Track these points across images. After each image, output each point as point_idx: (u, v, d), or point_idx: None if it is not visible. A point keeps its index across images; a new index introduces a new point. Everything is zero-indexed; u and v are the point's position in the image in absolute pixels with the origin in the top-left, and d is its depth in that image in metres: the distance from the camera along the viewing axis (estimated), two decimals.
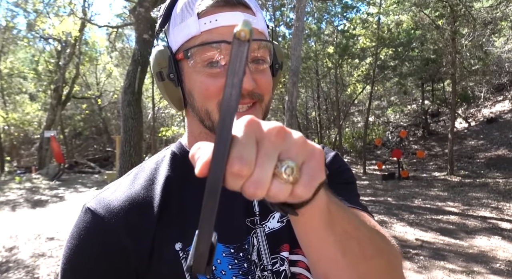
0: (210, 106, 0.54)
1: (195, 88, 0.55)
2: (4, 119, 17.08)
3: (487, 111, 16.29)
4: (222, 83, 0.52)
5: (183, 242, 0.53)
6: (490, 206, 6.99)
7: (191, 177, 0.58)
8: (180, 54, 0.55)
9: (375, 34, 14.08)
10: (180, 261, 0.52)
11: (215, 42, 0.51)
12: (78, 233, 0.54)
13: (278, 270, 0.56)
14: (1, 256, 4.47)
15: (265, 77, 0.56)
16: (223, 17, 0.52)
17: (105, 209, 0.54)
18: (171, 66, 0.56)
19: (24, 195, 8.88)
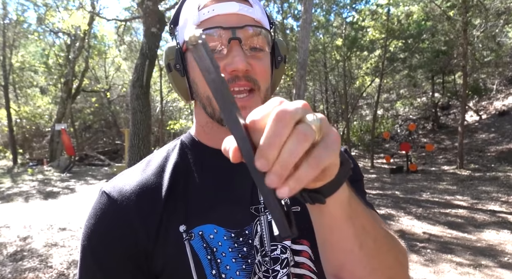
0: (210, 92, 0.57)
1: (197, 75, 0.58)
2: (16, 112, 17.39)
3: (499, 103, 15.98)
4: (222, 65, 0.55)
5: (186, 225, 0.57)
6: (500, 200, 6.91)
7: (198, 165, 0.63)
8: (184, 45, 0.59)
9: (384, 25, 13.86)
10: (184, 242, 0.56)
11: (210, 28, 0.54)
12: (94, 214, 0.59)
13: (277, 257, 0.58)
14: (15, 245, 4.60)
15: (261, 63, 0.58)
16: (220, 7, 0.55)
17: (118, 192, 0.58)
18: (177, 58, 0.60)
19: (37, 187, 9.08)
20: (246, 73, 0.55)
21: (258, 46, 0.57)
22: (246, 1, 0.58)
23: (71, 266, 3.95)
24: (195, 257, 0.55)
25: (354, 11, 15.30)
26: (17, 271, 3.81)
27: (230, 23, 0.55)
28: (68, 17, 12.88)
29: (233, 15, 0.56)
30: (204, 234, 0.56)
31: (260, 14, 0.60)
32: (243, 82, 0.55)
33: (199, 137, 0.66)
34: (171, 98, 20.73)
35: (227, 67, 0.54)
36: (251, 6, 0.58)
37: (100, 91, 18.99)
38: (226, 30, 0.54)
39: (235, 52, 0.54)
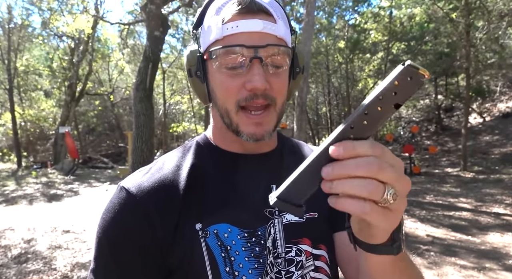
0: (229, 106, 0.60)
1: (217, 86, 0.61)
2: (20, 115, 17.52)
3: (503, 105, 15.90)
4: (240, 82, 0.58)
5: (202, 223, 0.58)
6: (504, 203, 6.87)
7: (214, 166, 0.65)
8: (206, 54, 0.61)
9: (387, 28, 13.87)
10: (200, 240, 0.57)
11: (233, 46, 0.56)
12: (113, 207, 0.60)
13: (292, 259, 0.60)
14: (20, 248, 4.63)
15: (279, 80, 0.60)
16: (244, 24, 0.57)
17: (137, 188, 0.60)
18: (198, 65, 0.62)
19: (41, 189, 9.13)
20: (264, 92, 0.58)
21: (278, 64, 0.59)
22: (270, 16, 0.59)
23: (75, 268, 3.97)
24: (210, 255, 0.56)
25: (356, 13, 15.33)
26: (21, 273, 3.83)
27: (253, 42, 0.56)
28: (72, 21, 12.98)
29: (257, 33, 0.57)
30: (218, 233, 0.58)
31: (284, 29, 0.61)
32: (261, 100, 0.58)
33: (215, 140, 0.68)
34: (174, 100, 20.81)
35: (247, 84, 0.57)
36: (275, 21, 0.59)
37: (104, 94, 19.10)
38: (249, 49, 0.56)
39: (256, 70, 0.56)
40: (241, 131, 0.60)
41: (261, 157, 0.67)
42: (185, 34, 16.18)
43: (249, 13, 0.57)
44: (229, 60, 0.57)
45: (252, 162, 0.66)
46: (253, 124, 0.59)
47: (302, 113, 7.61)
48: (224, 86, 0.59)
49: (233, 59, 0.57)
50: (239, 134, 0.60)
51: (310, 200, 0.45)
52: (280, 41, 0.60)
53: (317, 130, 21.25)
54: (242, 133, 0.60)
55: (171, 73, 19.08)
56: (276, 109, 0.61)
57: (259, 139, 0.60)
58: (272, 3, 0.61)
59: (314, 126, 20.00)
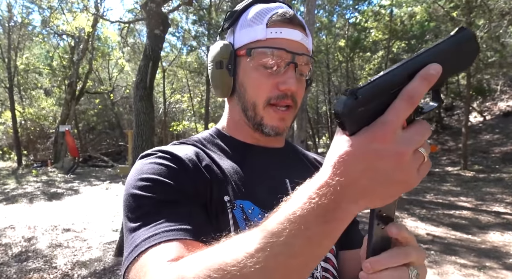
0: (259, 100, 0.65)
1: (249, 82, 0.66)
2: (21, 114, 17.51)
3: (504, 104, 15.89)
4: (273, 82, 0.64)
5: (229, 196, 0.61)
6: (505, 201, 6.87)
7: (225, 154, 0.69)
8: (242, 51, 0.66)
9: (387, 26, 13.84)
10: (227, 210, 0.60)
11: (276, 48, 0.63)
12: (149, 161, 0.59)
13: None
14: (20, 246, 4.64)
15: (302, 86, 0.68)
16: (287, 32, 0.64)
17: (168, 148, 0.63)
18: (231, 59, 0.67)
19: (41, 188, 9.14)
20: (293, 93, 0.65)
21: (304, 72, 0.67)
22: (305, 30, 0.67)
23: (75, 266, 3.98)
24: (236, 226, 0.59)
25: (356, 12, 15.30)
26: (22, 271, 3.83)
27: (293, 48, 0.63)
28: (72, 19, 12.96)
29: (296, 42, 0.65)
30: (244, 208, 0.61)
31: (311, 45, 0.69)
32: (289, 100, 0.65)
33: (229, 131, 0.73)
34: (174, 99, 20.80)
35: (281, 85, 0.63)
36: (307, 36, 0.68)
37: (104, 92, 19.08)
38: (289, 53, 0.63)
39: (291, 74, 0.64)
40: (265, 123, 0.66)
41: (274, 150, 0.73)
42: (185, 32, 16.16)
43: (291, 23, 0.65)
44: (267, 60, 0.63)
45: (266, 153, 0.71)
46: (278, 119, 0.66)
47: (302, 112, 7.60)
48: (257, 82, 0.65)
49: (271, 60, 0.63)
50: (262, 127, 0.66)
51: None
52: (309, 53, 0.68)
53: (317, 129, 21.24)
54: (265, 125, 0.66)
55: (171, 72, 19.06)
56: (295, 111, 0.69)
57: (279, 133, 0.67)
58: (303, 21, 0.70)
59: (314, 125, 19.99)
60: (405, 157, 0.34)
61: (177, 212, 0.52)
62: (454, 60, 0.37)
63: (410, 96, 0.33)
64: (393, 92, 0.34)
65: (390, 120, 0.33)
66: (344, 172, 0.34)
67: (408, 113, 0.34)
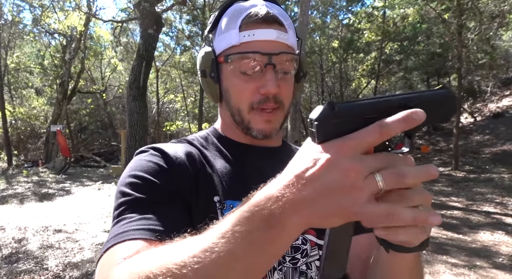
0: (242, 106, 0.65)
1: (231, 88, 0.66)
2: (11, 113, 17.26)
3: (494, 105, 16.13)
4: (253, 86, 0.63)
5: (219, 197, 0.62)
6: (495, 201, 6.98)
7: (226, 151, 0.70)
8: (221, 58, 0.65)
9: (380, 28, 13.97)
10: (217, 211, 0.60)
11: (250, 52, 0.62)
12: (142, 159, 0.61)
13: (298, 247, 0.64)
14: (10, 247, 4.57)
15: (287, 84, 0.66)
16: (260, 33, 0.62)
17: (162, 146, 0.65)
18: (213, 67, 0.67)
19: (32, 189, 9.01)
20: (275, 96, 0.64)
21: (287, 70, 0.65)
22: (282, 26, 0.64)
23: (67, 268, 3.93)
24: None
25: (350, 13, 15.41)
26: (12, 273, 3.78)
27: (268, 49, 0.62)
28: (64, 18, 12.83)
29: (271, 42, 0.62)
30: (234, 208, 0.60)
31: (293, 38, 0.66)
32: (272, 104, 0.64)
33: (225, 132, 0.74)
34: (168, 99, 20.69)
35: (261, 89, 0.63)
36: (287, 31, 0.65)
37: (96, 92, 18.90)
38: (264, 55, 0.61)
39: (269, 76, 0.62)
40: (252, 127, 0.66)
41: (270, 149, 0.72)
42: (179, 32, 16.09)
43: (264, 23, 0.63)
44: (244, 65, 0.63)
45: (261, 152, 0.71)
46: (263, 122, 0.65)
47: (296, 112, 7.63)
48: (238, 88, 0.65)
49: (248, 64, 0.62)
50: (250, 131, 0.66)
51: None
52: (290, 49, 0.66)
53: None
54: (252, 129, 0.66)
55: (165, 72, 18.97)
56: (284, 111, 0.67)
57: (267, 136, 0.66)
58: (284, 14, 0.66)
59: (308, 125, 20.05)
60: (351, 174, 0.32)
61: (153, 211, 0.53)
62: (434, 112, 0.38)
63: (382, 126, 0.33)
64: (369, 118, 0.35)
65: (354, 138, 0.34)
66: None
67: (374, 141, 0.34)
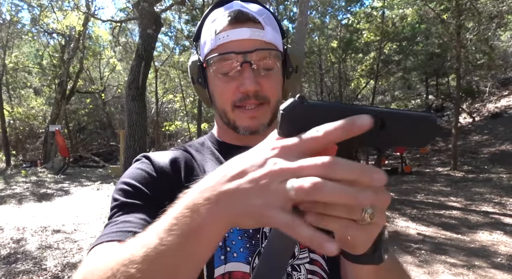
0: (226, 106, 0.67)
1: (215, 91, 0.69)
2: (9, 113, 17.22)
3: (492, 106, 16.17)
4: (234, 86, 0.64)
5: None
6: (493, 201, 6.99)
7: (212, 156, 0.71)
8: (204, 63, 0.68)
9: (379, 28, 13.98)
10: None
11: (225, 53, 0.63)
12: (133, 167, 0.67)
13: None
14: (9, 248, 4.56)
15: (271, 81, 0.66)
16: (233, 33, 0.64)
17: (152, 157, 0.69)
18: (199, 73, 0.70)
19: (30, 189, 8.99)
20: (255, 93, 0.64)
21: (268, 67, 0.65)
22: (258, 23, 0.65)
23: (66, 268, 3.92)
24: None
25: (349, 13, 15.42)
26: (10, 273, 3.77)
27: (242, 48, 0.63)
28: (63, 18, 12.80)
29: (246, 40, 0.63)
30: None
31: (272, 34, 0.67)
32: (252, 100, 0.65)
33: (219, 135, 0.77)
34: (167, 99, 20.68)
35: (240, 87, 0.64)
36: (263, 28, 0.65)
37: (95, 92, 18.87)
38: (239, 55, 0.63)
39: (246, 74, 0.63)
40: (238, 125, 0.67)
41: None
42: (178, 32, 16.08)
43: (237, 23, 0.64)
44: (222, 66, 0.64)
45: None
46: (248, 118, 0.66)
47: None
48: (220, 90, 0.67)
49: (225, 65, 0.64)
50: (237, 129, 0.67)
51: None
52: (268, 46, 0.65)
53: None
54: (239, 127, 0.67)
55: (164, 72, 18.96)
56: (271, 106, 0.67)
57: (254, 132, 0.67)
58: (261, 11, 0.67)
59: None
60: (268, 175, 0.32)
61: (134, 215, 0.57)
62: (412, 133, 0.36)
63: (319, 131, 0.32)
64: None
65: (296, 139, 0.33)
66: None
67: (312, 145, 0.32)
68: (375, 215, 0.35)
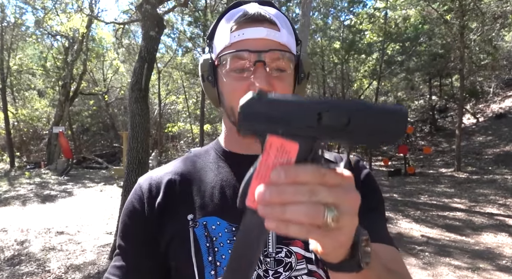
0: (235, 104, 0.64)
1: (225, 89, 0.67)
2: (13, 115, 17.32)
3: (496, 106, 16.07)
4: (245, 84, 0.63)
5: (194, 214, 0.66)
6: (498, 203, 6.94)
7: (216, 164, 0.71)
8: (216, 60, 0.67)
9: (382, 29, 13.94)
10: (189, 229, 0.64)
11: (239, 51, 0.62)
12: (128, 199, 0.72)
13: (281, 259, 0.62)
14: (13, 249, 4.58)
15: (283, 83, 0.65)
16: (249, 31, 0.63)
17: (144, 177, 0.72)
18: (210, 70, 0.69)
19: (34, 190, 9.03)
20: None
21: (282, 68, 0.64)
22: (274, 25, 0.64)
23: (69, 270, 3.93)
24: (196, 243, 0.62)
25: (351, 14, 15.39)
26: (14, 275, 3.79)
27: (257, 47, 0.62)
28: (66, 20, 12.87)
29: (261, 39, 0.63)
30: (207, 225, 0.63)
31: (287, 37, 0.66)
32: None
33: (224, 142, 0.75)
34: (169, 100, 20.72)
35: (251, 86, 0.62)
36: (279, 30, 0.65)
37: (98, 93, 18.95)
38: (253, 53, 0.62)
39: (259, 73, 0.62)
40: None
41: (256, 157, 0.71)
42: (180, 33, 16.13)
43: (254, 22, 0.63)
44: (235, 64, 0.63)
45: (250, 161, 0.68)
46: None
47: None
48: (231, 88, 0.65)
49: (239, 63, 0.63)
50: None
51: None
52: (283, 47, 0.64)
53: None
54: None
55: (167, 73, 19.00)
56: None
57: None
58: (278, 14, 0.67)
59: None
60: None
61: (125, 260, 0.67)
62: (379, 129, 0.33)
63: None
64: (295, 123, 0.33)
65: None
66: None
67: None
68: (342, 217, 0.32)
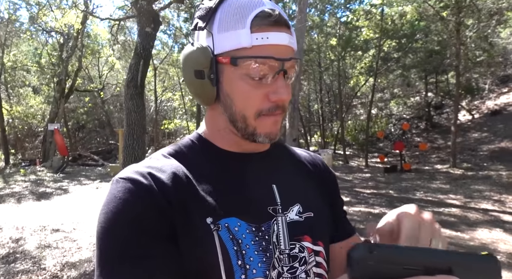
0: (248, 112, 0.61)
1: (236, 93, 0.61)
2: (8, 112, 17.17)
3: (492, 103, 16.17)
4: (263, 92, 0.59)
5: (212, 217, 0.57)
6: (492, 199, 7.00)
7: (216, 164, 0.65)
8: (226, 59, 0.59)
9: (378, 25, 13.94)
10: (212, 233, 0.56)
11: (263, 57, 0.57)
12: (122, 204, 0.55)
13: (296, 255, 0.62)
14: (8, 247, 4.55)
15: (289, 91, 0.63)
16: (273, 36, 0.58)
17: (138, 174, 0.57)
18: (212, 68, 0.60)
19: (29, 188, 8.98)
20: (283, 102, 0.61)
21: (291, 75, 0.63)
22: (289, 29, 0.61)
23: (65, 268, 3.92)
24: (223, 248, 0.56)
25: (348, 11, 15.36)
26: (9, 273, 3.76)
27: (280, 55, 0.58)
28: (61, 16, 12.75)
29: (284, 46, 0.59)
30: (230, 226, 0.57)
31: (296, 42, 0.64)
32: (280, 111, 0.62)
33: (213, 139, 0.68)
34: (165, 97, 20.65)
35: (272, 95, 0.59)
36: (292, 34, 0.62)
37: (94, 90, 18.83)
38: (277, 62, 0.58)
39: (281, 83, 0.59)
40: (259, 133, 0.62)
41: (258, 155, 0.69)
42: (177, 30, 16.03)
43: (276, 25, 0.58)
44: (255, 70, 0.58)
45: (251, 160, 0.67)
46: (271, 123, 0.62)
47: (294, 110, 7.63)
48: (246, 94, 0.60)
49: (259, 70, 0.58)
50: (255, 136, 0.62)
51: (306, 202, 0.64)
52: (296, 54, 0.63)
53: (309, 127, 21.33)
54: (259, 134, 0.62)
55: (163, 70, 18.92)
56: (283, 115, 0.65)
57: (273, 139, 0.63)
58: (286, 16, 0.63)
59: (306, 123, 20.07)
60: None
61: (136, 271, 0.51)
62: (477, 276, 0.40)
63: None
64: (406, 269, 0.38)
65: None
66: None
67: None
68: None
